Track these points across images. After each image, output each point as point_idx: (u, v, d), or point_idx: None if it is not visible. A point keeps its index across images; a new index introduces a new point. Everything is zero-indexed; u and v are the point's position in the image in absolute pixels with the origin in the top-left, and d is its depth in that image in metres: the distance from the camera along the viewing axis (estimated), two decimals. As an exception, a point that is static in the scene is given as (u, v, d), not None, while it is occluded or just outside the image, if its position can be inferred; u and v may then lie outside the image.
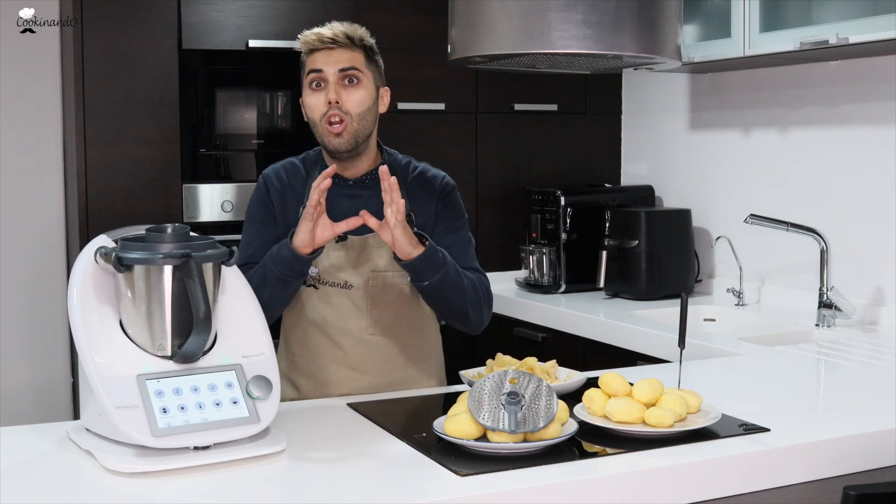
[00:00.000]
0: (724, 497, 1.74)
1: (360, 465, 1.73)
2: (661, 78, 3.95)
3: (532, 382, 1.75)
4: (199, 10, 3.46)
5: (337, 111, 2.22)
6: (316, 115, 2.25)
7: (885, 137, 3.07)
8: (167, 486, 1.60)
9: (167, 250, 1.72)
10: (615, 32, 2.21)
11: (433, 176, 2.36)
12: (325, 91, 2.23)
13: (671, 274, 3.59)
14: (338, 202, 2.26)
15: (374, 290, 2.28)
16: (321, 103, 2.24)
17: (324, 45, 2.24)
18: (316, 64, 2.25)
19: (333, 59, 2.24)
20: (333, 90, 2.23)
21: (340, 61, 2.24)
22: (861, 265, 3.14)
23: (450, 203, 2.35)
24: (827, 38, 2.79)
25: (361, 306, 2.27)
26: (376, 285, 2.28)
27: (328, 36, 2.24)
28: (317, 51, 2.25)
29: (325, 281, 2.26)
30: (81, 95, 3.34)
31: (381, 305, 2.29)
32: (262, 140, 3.70)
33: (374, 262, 2.27)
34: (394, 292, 2.29)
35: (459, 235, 2.35)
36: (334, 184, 2.27)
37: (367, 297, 2.28)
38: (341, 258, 2.26)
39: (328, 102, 2.22)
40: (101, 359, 1.69)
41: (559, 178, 4.08)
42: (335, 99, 2.22)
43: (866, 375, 2.44)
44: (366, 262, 2.27)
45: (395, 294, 2.29)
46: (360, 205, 2.24)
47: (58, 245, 3.74)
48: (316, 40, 2.25)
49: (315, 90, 2.25)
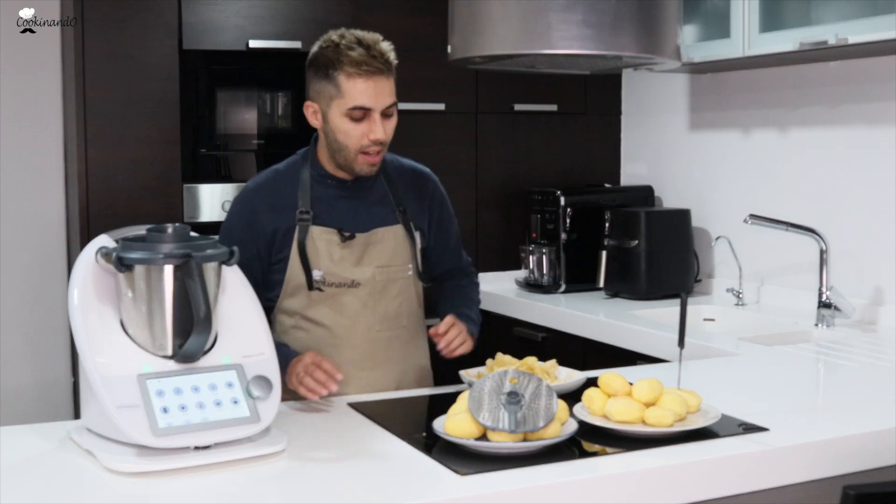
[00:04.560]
0: (723, 497, 1.74)
1: (360, 465, 1.73)
2: (660, 78, 3.95)
3: (532, 382, 1.75)
4: (199, 10, 3.46)
5: (378, 146, 2.20)
6: (354, 144, 2.20)
7: (885, 137, 3.07)
8: (167, 486, 1.60)
9: (168, 250, 1.72)
10: (615, 33, 2.22)
11: (421, 173, 2.41)
12: (367, 124, 2.18)
13: (671, 274, 3.60)
14: (335, 203, 2.27)
15: (380, 284, 2.29)
16: (361, 135, 2.19)
17: (369, 75, 2.15)
18: (363, 100, 2.16)
19: (379, 93, 2.17)
20: (381, 128, 2.18)
21: (385, 96, 2.18)
22: (861, 265, 3.14)
23: (441, 202, 2.42)
24: (826, 39, 2.80)
25: (369, 303, 2.29)
26: (382, 280, 2.29)
27: (375, 66, 2.15)
28: (359, 77, 2.15)
29: (330, 283, 2.26)
30: (82, 95, 3.34)
31: (387, 300, 2.30)
32: (263, 140, 3.70)
33: (378, 257, 2.29)
34: (397, 285, 2.32)
35: (452, 234, 2.44)
36: (331, 185, 2.28)
37: (374, 294, 2.29)
38: (345, 257, 2.27)
39: (372, 139, 2.18)
40: (101, 358, 1.69)
41: (559, 178, 4.09)
42: (384, 138, 2.19)
43: (866, 375, 2.44)
44: (370, 257, 2.28)
45: (398, 287, 2.32)
46: (358, 204, 2.28)
47: (58, 245, 3.74)
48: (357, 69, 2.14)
49: (355, 122, 2.18)
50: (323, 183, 2.29)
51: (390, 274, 2.30)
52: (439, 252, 2.44)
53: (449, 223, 2.45)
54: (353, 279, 2.27)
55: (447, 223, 2.44)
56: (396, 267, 2.31)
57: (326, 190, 2.28)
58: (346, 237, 2.25)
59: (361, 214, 2.29)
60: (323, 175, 2.30)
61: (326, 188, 2.29)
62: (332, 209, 2.26)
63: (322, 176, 2.30)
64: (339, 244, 2.26)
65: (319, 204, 2.27)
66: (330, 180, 2.29)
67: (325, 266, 2.25)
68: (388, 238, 2.30)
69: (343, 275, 2.27)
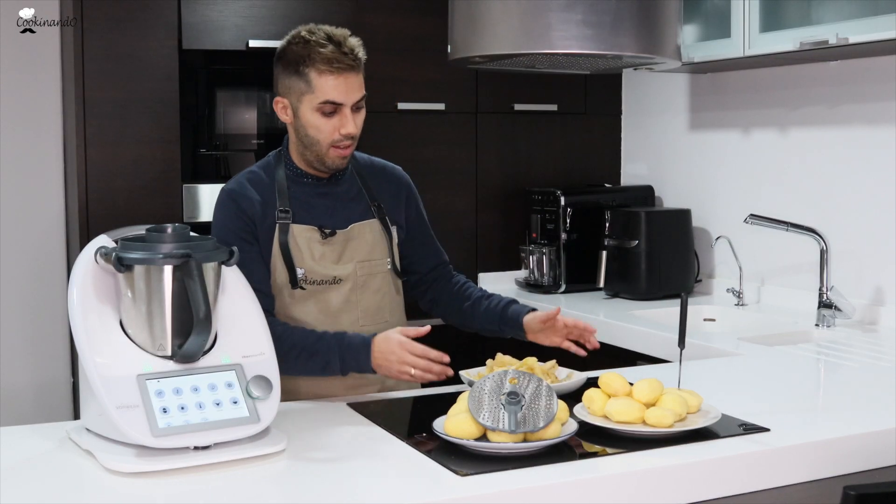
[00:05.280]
0: (723, 497, 1.74)
1: (360, 465, 1.73)
2: (661, 78, 3.95)
3: (532, 382, 1.75)
4: (199, 10, 3.46)
5: (349, 139, 2.22)
6: (325, 138, 2.21)
7: (885, 137, 3.07)
8: (167, 486, 1.60)
9: (167, 250, 1.72)
10: (615, 32, 2.22)
11: (393, 170, 2.43)
12: (338, 119, 2.19)
13: (671, 274, 3.60)
14: (312, 202, 2.28)
15: (361, 279, 2.30)
16: (332, 130, 2.20)
17: (340, 71, 2.17)
18: (333, 94, 2.17)
19: (350, 89, 2.18)
20: (351, 122, 2.20)
21: (355, 90, 2.19)
22: (861, 265, 3.14)
23: (416, 198, 2.44)
24: (827, 39, 2.80)
25: (352, 299, 2.29)
26: (363, 275, 2.30)
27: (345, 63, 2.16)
28: (330, 74, 2.17)
29: (312, 280, 2.26)
30: (81, 95, 3.34)
31: (369, 294, 2.31)
32: (262, 140, 3.69)
33: (358, 252, 2.30)
34: (377, 279, 2.33)
35: (427, 229, 2.46)
36: (307, 183, 2.30)
37: (356, 289, 2.29)
38: (326, 254, 2.27)
39: (342, 133, 2.20)
40: (101, 359, 1.69)
41: (559, 178, 4.08)
42: (355, 132, 2.21)
43: (866, 375, 2.44)
44: (350, 253, 2.29)
45: (379, 281, 2.33)
46: (335, 201, 2.30)
47: (58, 245, 3.74)
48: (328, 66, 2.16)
49: (326, 116, 2.19)
50: (298, 182, 2.29)
51: (371, 268, 2.31)
52: (422, 246, 2.45)
53: (423, 217, 2.46)
54: (335, 276, 2.27)
55: (423, 217, 2.46)
56: (376, 261, 2.32)
57: (302, 188, 2.29)
58: (326, 234, 2.26)
59: (338, 211, 2.30)
60: (298, 174, 2.30)
61: (302, 186, 2.29)
62: (310, 207, 2.27)
63: (297, 175, 2.30)
64: (320, 241, 2.26)
65: (297, 202, 2.27)
66: (305, 178, 2.30)
67: (306, 264, 2.25)
68: (366, 233, 2.31)
69: (325, 272, 2.27)
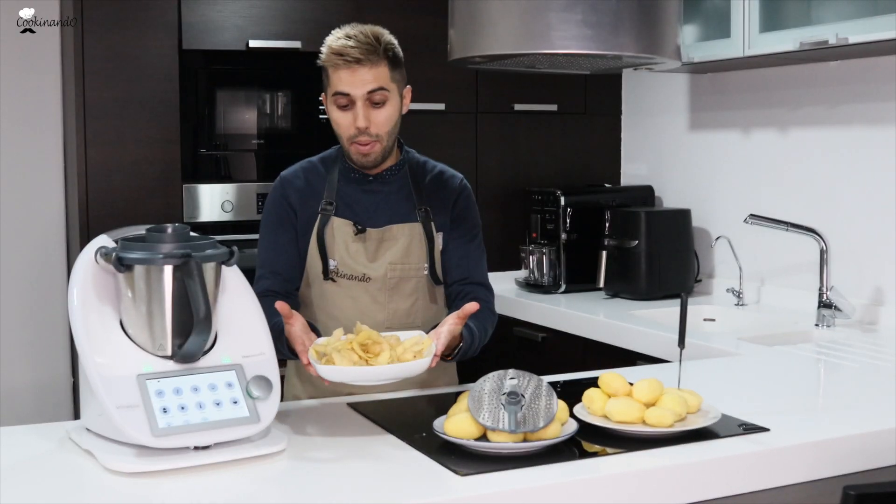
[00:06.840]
0: (724, 497, 1.74)
1: (360, 465, 1.73)
2: (661, 78, 3.95)
3: (532, 382, 1.75)
4: (199, 10, 3.46)
5: (366, 136, 2.20)
6: (343, 132, 2.22)
7: (885, 137, 3.07)
8: (167, 486, 1.60)
9: (167, 250, 1.72)
10: (615, 32, 2.21)
11: (450, 177, 2.37)
12: (353, 112, 2.18)
13: (671, 274, 3.60)
14: (357, 197, 2.29)
15: (392, 281, 2.28)
16: (348, 124, 2.20)
17: (348, 64, 2.16)
18: (341, 86, 2.17)
19: (359, 81, 2.16)
20: (362, 115, 2.17)
21: (366, 82, 2.16)
22: (861, 265, 3.14)
23: (466, 208, 2.36)
24: (827, 39, 2.80)
25: (380, 299, 2.28)
26: (394, 277, 2.28)
27: (353, 56, 2.15)
28: (339, 65, 2.16)
29: (343, 274, 2.27)
30: (81, 95, 3.34)
31: (399, 297, 2.29)
32: (263, 140, 3.70)
33: (392, 253, 2.28)
34: (411, 284, 2.30)
35: (474, 245, 2.36)
36: (355, 179, 2.29)
37: (386, 290, 2.28)
38: (359, 251, 2.27)
39: (356, 127, 2.19)
40: (101, 359, 1.69)
41: (559, 178, 4.09)
42: (365, 125, 2.18)
43: (866, 375, 2.44)
44: (383, 253, 2.28)
45: (412, 286, 2.30)
46: (380, 200, 2.28)
47: (58, 245, 3.74)
48: (339, 58, 2.16)
49: (342, 110, 2.19)
50: (348, 177, 2.31)
51: (403, 272, 2.29)
52: (452, 255, 2.34)
53: (472, 230, 2.36)
54: (365, 273, 2.27)
55: (470, 229, 2.36)
56: (411, 265, 2.29)
57: (351, 184, 2.30)
58: (358, 230, 2.26)
59: (381, 210, 2.29)
60: (349, 169, 2.31)
61: (351, 182, 2.30)
62: (355, 203, 2.28)
63: (348, 170, 2.31)
64: (353, 237, 2.26)
65: (343, 197, 2.29)
66: (354, 174, 2.30)
67: (340, 257, 2.26)
68: (403, 235, 2.29)
69: (355, 267, 2.27)
